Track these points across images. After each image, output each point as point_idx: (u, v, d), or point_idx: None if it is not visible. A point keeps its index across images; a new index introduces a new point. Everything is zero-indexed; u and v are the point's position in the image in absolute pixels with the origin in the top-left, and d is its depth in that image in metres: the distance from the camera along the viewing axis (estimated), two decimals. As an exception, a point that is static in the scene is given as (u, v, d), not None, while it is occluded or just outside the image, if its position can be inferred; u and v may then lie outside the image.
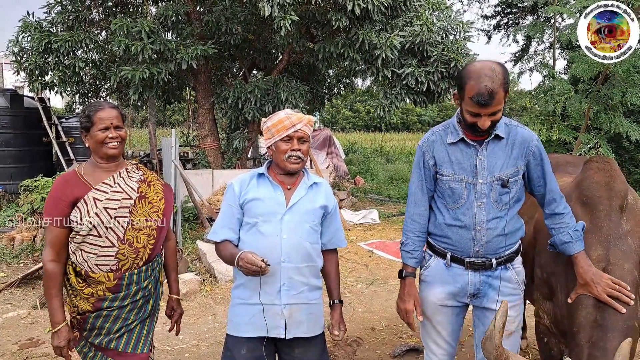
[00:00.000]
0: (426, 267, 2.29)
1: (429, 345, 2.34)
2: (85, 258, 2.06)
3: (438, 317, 2.26)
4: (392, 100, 8.15)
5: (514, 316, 2.17)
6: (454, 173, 2.12)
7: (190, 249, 6.24)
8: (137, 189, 2.16)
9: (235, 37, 8.50)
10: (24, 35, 8.30)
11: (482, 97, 1.88)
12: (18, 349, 3.76)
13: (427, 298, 2.28)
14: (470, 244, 2.12)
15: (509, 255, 2.16)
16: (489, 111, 1.92)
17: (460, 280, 2.17)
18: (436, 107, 37.65)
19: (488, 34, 16.06)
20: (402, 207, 10.24)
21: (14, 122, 9.35)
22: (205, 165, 9.19)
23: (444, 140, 2.15)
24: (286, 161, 2.11)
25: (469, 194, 2.10)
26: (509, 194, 2.09)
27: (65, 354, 2.08)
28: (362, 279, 5.55)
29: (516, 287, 2.19)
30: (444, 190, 2.16)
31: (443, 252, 2.20)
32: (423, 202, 2.25)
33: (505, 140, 2.09)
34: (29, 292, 4.98)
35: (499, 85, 1.89)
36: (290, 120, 2.10)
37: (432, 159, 2.18)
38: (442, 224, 2.18)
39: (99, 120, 2.06)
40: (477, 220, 2.09)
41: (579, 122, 5.64)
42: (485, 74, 1.89)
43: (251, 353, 2.11)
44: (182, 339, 3.97)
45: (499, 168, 2.07)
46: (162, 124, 26.21)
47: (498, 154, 2.08)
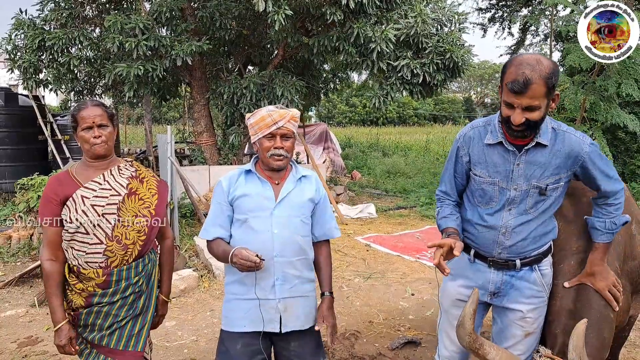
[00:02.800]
0: (450, 259, 2.28)
1: (443, 339, 2.31)
2: (76, 255, 2.07)
3: (455, 311, 2.21)
4: (387, 91, 8.14)
5: (534, 318, 2.09)
6: (488, 175, 2.01)
7: (187, 245, 6.24)
8: (127, 186, 2.16)
9: (229, 33, 8.46)
10: (17, 32, 8.25)
11: (516, 84, 1.74)
12: (17, 347, 3.76)
13: (447, 289, 2.26)
14: (493, 245, 2.06)
15: (535, 257, 2.06)
16: (522, 102, 1.76)
17: (481, 276, 2.13)
18: (432, 100, 37.66)
19: (483, 27, 16.07)
20: (399, 201, 10.27)
21: (8, 121, 9.29)
22: (202, 161, 9.17)
23: (482, 139, 2.02)
24: (269, 158, 2.10)
25: (501, 198, 2.00)
26: (546, 201, 1.98)
27: (68, 350, 2.09)
28: (360, 272, 5.57)
29: (540, 289, 2.09)
30: (475, 190, 2.09)
31: (468, 247, 2.16)
32: (452, 195, 2.21)
33: (550, 148, 1.92)
34: (26, 291, 4.98)
35: (539, 77, 1.73)
36: (272, 118, 2.07)
37: (467, 155, 2.08)
38: (469, 220, 2.13)
39: (82, 119, 2.06)
40: (504, 223, 2.01)
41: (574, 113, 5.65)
42: (528, 63, 1.76)
43: (246, 348, 2.12)
44: (180, 335, 3.98)
45: (538, 176, 1.94)
46: (158, 121, 26.14)
47: (539, 162, 1.93)
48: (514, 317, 2.11)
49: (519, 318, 2.10)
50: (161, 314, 2.41)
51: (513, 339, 2.11)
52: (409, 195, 10.75)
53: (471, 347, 1.72)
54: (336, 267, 5.70)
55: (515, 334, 2.11)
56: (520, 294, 2.08)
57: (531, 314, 2.08)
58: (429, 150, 17.93)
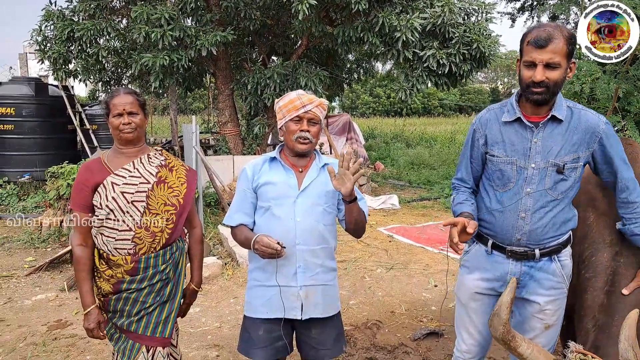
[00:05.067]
0: (467, 252, 2.24)
1: (461, 333, 2.28)
2: (105, 242, 2.11)
3: (473, 304, 2.19)
4: (413, 83, 8.04)
5: (554, 310, 2.06)
6: (505, 155, 2.01)
7: (212, 234, 6.32)
8: (156, 174, 2.18)
9: (254, 23, 8.48)
10: (46, 24, 8.43)
11: (539, 39, 1.80)
12: (47, 330, 3.88)
13: (464, 283, 2.23)
14: (511, 230, 2.02)
15: (555, 247, 2.03)
16: (544, 57, 1.80)
17: (499, 268, 2.09)
18: (458, 91, 37.10)
19: (512, 17, 15.69)
20: (423, 193, 10.18)
21: (39, 111, 9.53)
22: (226, 151, 9.25)
23: (498, 118, 2.05)
24: (295, 141, 2.11)
25: (519, 178, 1.99)
26: (566, 181, 1.95)
27: (96, 334, 2.14)
28: (382, 263, 5.55)
29: (560, 280, 2.06)
30: (493, 172, 2.07)
31: (485, 238, 2.13)
32: (468, 182, 2.19)
33: (567, 124, 1.94)
34: (56, 276, 5.12)
35: (561, 35, 1.81)
36: (301, 101, 2.09)
37: (483, 137, 2.08)
38: (487, 207, 2.10)
39: (113, 106, 2.10)
40: (522, 206, 1.99)
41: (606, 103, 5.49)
42: (550, 25, 1.86)
43: (268, 334, 2.14)
44: (204, 321, 4.04)
45: (555, 153, 1.94)
46: (183, 111, 26.47)
47: (556, 138, 1.94)
48: (533, 309, 2.08)
49: (537, 311, 2.07)
50: (187, 302, 2.43)
51: (532, 332, 2.08)
52: (433, 186, 10.64)
53: (504, 338, 1.67)
54: (358, 258, 5.70)
55: (535, 326, 2.08)
56: (539, 285, 2.05)
57: (550, 306, 2.05)
58: (454, 142, 17.57)
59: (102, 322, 2.14)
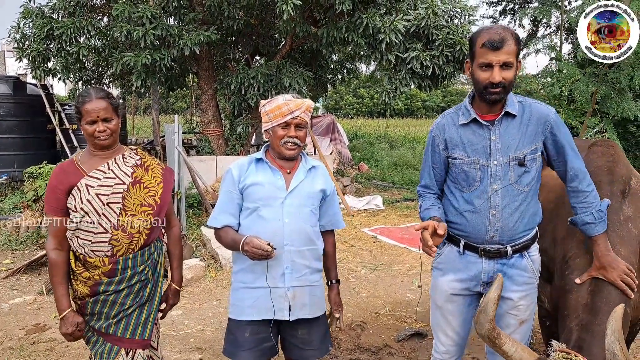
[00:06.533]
0: (439, 254, 2.26)
1: (438, 335, 2.30)
2: (81, 244, 2.07)
3: (449, 306, 2.21)
4: (396, 86, 8.08)
5: (527, 305, 2.12)
6: (467, 155, 2.05)
7: (194, 235, 6.25)
8: (132, 174, 2.14)
9: (237, 22, 8.42)
10: (25, 21, 8.26)
11: (493, 41, 1.87)
12: (25, 334, 3.79)
13: (438, 286, 2.24)
14: (484, 229, 2.05)
15: (525, 243, 2.08)
16: (500, 58, 1.88)
17: (473, 268, 2.12)
18: (440, 92, 37.40)
19: (494, 20, 15.90)
20: (406, 193, 10.23)
21: (17, 110, 9.33)
22: (209, 151, 9.17)
23: (455, 122, 2.10)
24: (282, 147, 2.10)
25: (484, 176, 2.03)
26: (529, 173, 2.02)
27: (76, 336, 2.11)
28: (366, 264, 5.56)
29: (531, 275, 2.12)
30: (457, 174, 2.10)
31: (457, 239, 2.16)
32: (433, 187, 2.23)
33: (520, 118, 2.02)
34: (34, 278, 5.01)
35: (511, 37, 1.89)
36: (289, 107, 2.07)
37: (442, 142, 2.12)
38: (456, 209, 2.12)
39: (86, 113, 2.03)
40: (491, 204, 2.02)
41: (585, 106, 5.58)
42: (497, 27, 1.95)
43: (255, 336, 2.12)
44: (187, 324, 4.00)
45: (514, 147, 2.00)
46: (166, 111, 26.17)
47: (512, 132, 2.01)
48: (507, 306, 2.11)
49: (511, 307, 2.11)
50: (170, 304, 2.40)
51: (508, 329, 2.10)
52: (416, 187, 10.69)
53: (490, 335, 1.68)
54: (342, 259, 5.70)
55: (510, 323, 2.12)
56: (512, 281, 2.09)
57: (523, 301, 2.10)
58: (436, 143, 17.74)
59: (80, 323, 2.10)
